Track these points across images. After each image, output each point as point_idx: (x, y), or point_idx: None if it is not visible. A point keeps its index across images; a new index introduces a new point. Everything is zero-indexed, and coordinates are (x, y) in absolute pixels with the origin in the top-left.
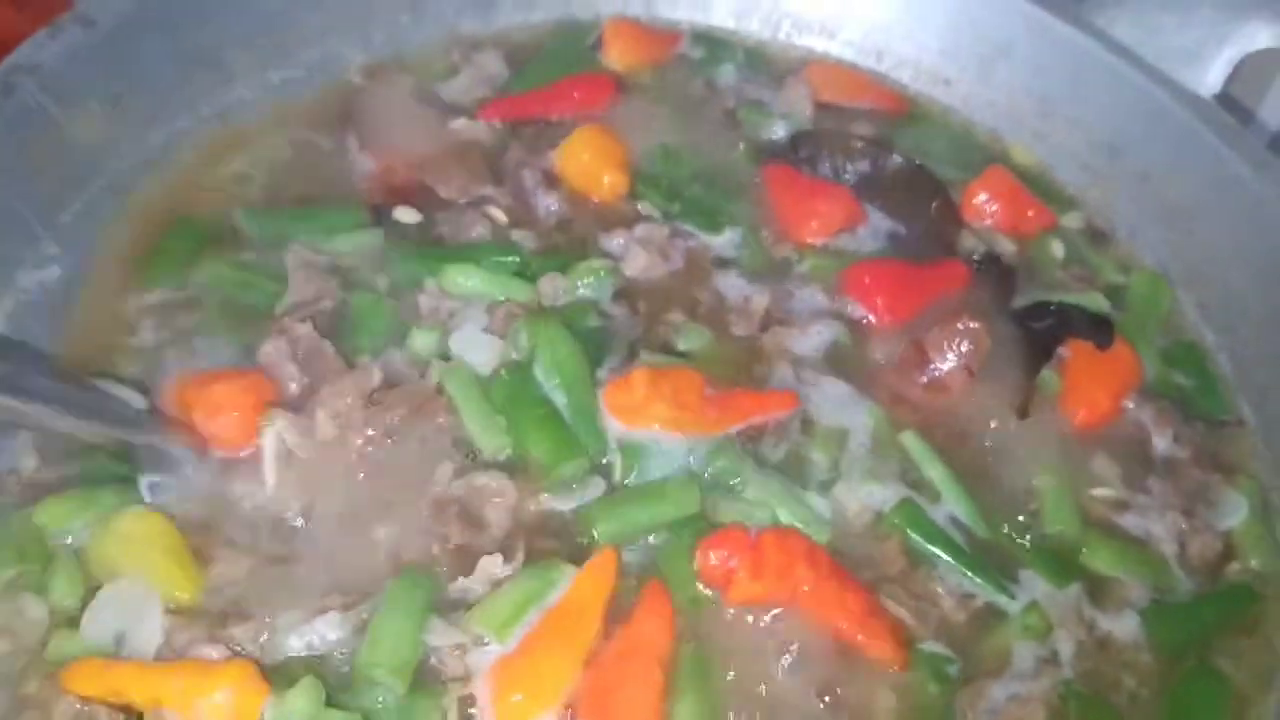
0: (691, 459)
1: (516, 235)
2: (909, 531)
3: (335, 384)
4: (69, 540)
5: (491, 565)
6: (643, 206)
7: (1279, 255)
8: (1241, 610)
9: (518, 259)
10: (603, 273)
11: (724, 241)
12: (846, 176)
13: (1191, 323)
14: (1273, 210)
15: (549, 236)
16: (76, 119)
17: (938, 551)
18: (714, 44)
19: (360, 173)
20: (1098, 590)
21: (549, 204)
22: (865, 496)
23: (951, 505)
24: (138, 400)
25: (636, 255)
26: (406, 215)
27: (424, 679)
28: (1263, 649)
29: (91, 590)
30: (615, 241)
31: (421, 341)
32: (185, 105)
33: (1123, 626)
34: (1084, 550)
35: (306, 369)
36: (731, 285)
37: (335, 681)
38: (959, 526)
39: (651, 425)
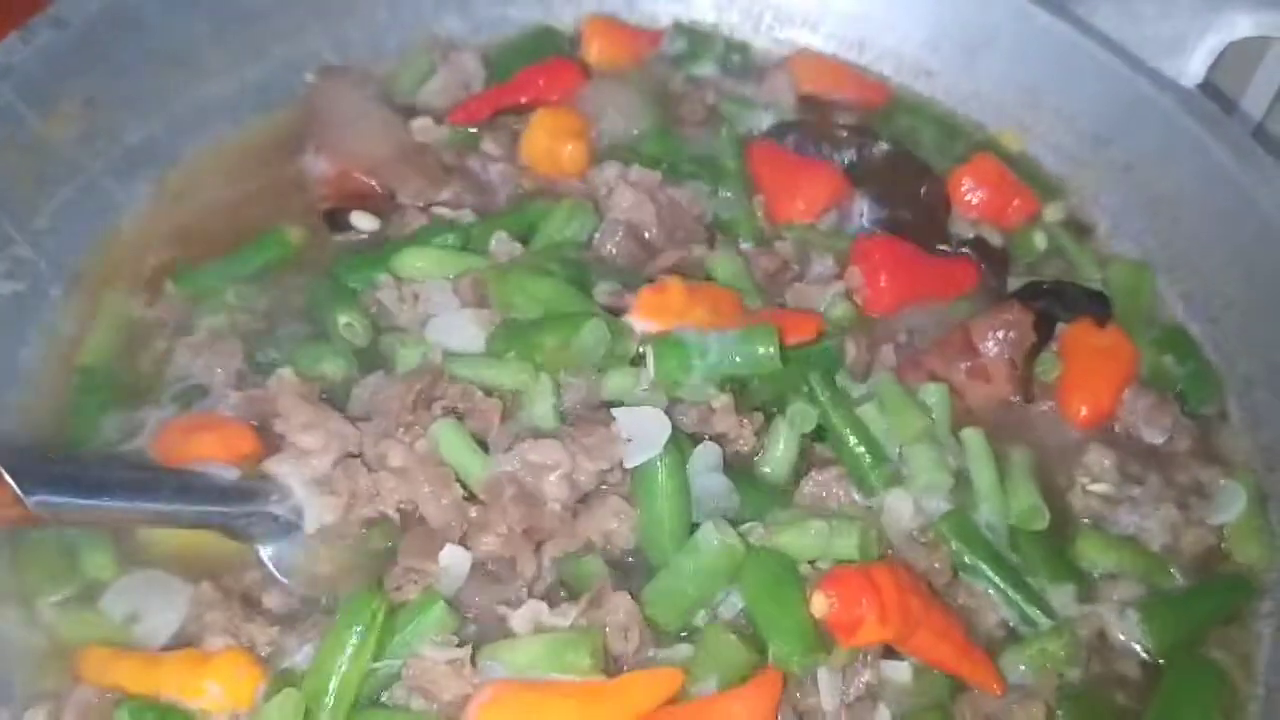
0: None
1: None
2: (956, 543)
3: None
4: None
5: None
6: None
7: (1263, 244)
8: (1235, 602)
9: (458, 233)
10: (581, 213)
11: (718, 205)
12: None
13: (1176, 313)
14: (1256, 199)
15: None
16: (50, 121)
17: (982, 565)
18: (695, 38)
19: (315, 176)
20: (1092, 586)
21: (507, 182)
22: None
23: (992, 515)
24: (229, 473)
25: (623, 193)
26: (364, 221)
27: None
28: (1251, 640)
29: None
30: (605, 173)
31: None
32: (159, 105)
33: (1117, 621)
34: (1075, 546)
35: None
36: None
37: None
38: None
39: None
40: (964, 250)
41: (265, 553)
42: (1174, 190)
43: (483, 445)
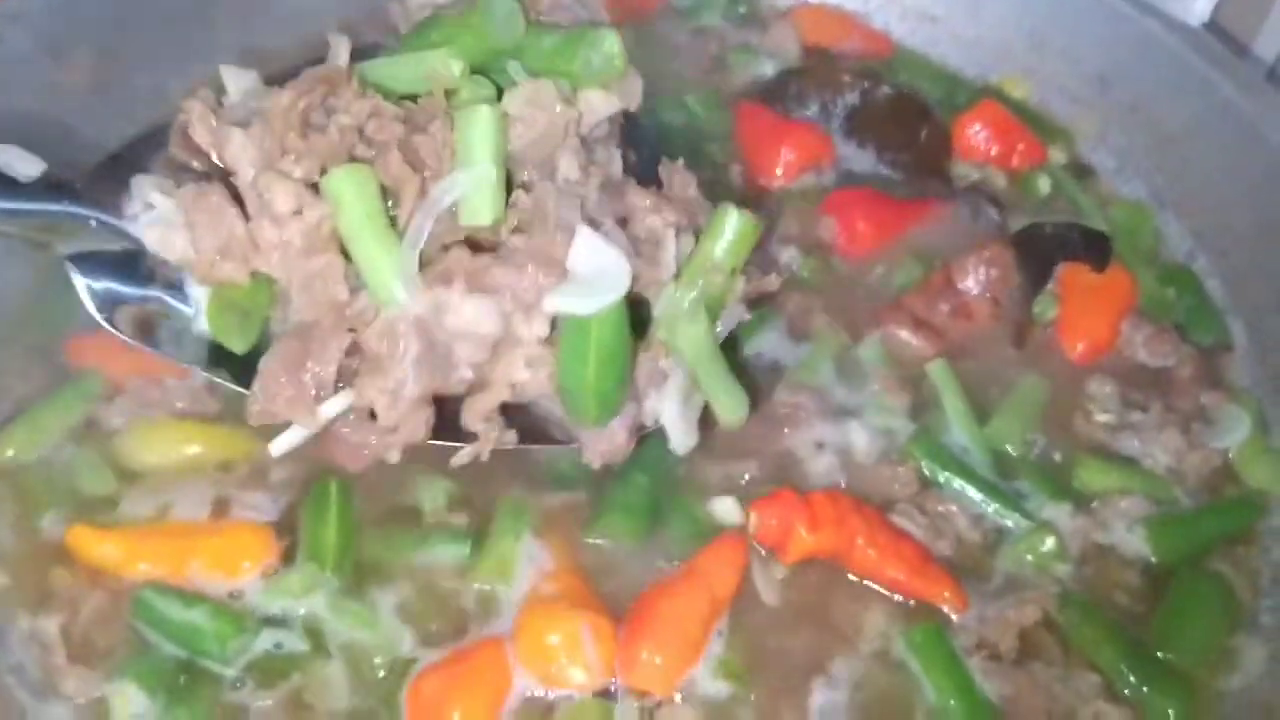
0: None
1: None
2: (927, 461)
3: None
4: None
5: None
6: None
7: (1270, 175)
8: (1242, 522)
9: None
10: None
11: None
12: (836, 112)
13: (1184, 250)
14: (1265, 133)
15: None
16: (65, 68)
17: (954, 478)
18: None
19: None
20: (1097, 506)
21: None
22: (878, 431)
23: (962, 436)
24: (29, 166)
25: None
26: None
27: None
28: (1259, 557)
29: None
30: None
31: None
32: (171, 55)
33: (1124, 538)
34: (1079, 470)
35: None
36: None
37: None
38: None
39: None
40: (964, 193)
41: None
42: (1181, 129)
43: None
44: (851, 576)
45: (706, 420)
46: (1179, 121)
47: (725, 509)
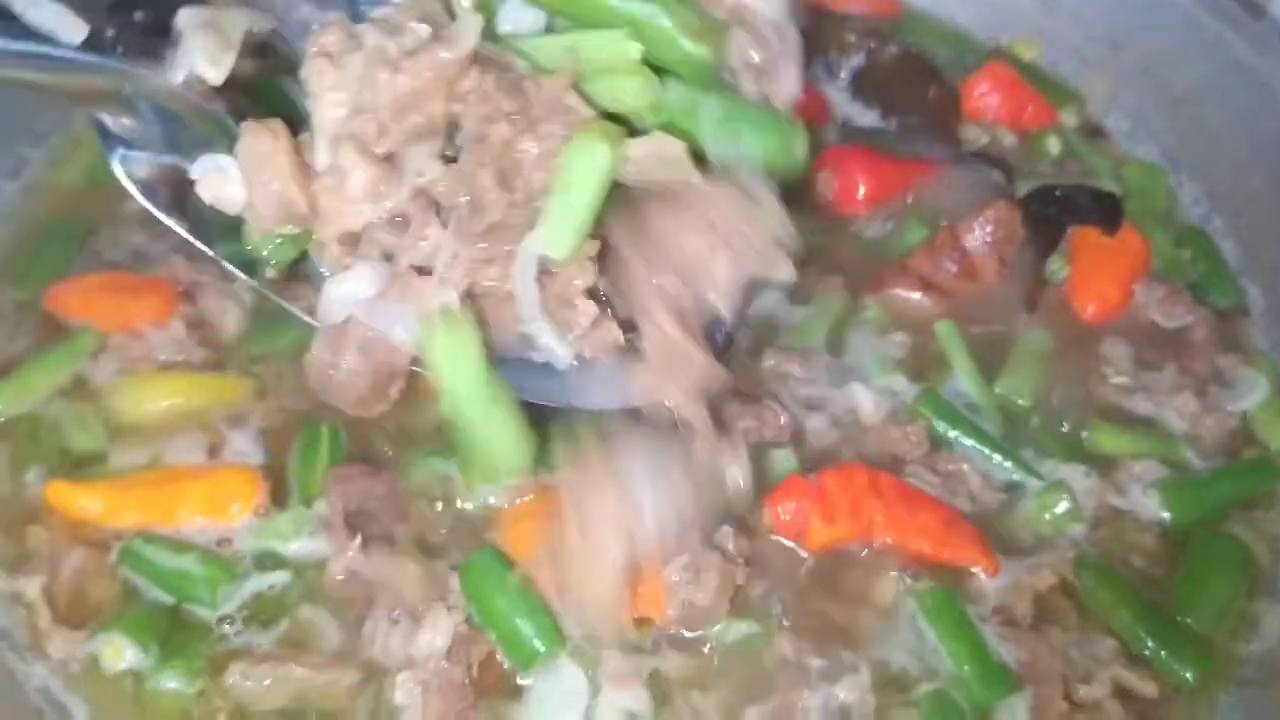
0: None
1: None
2: (936, 418)
3: None
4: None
5: None
6: None
7: None
8: (1260, 485)
9: None
10: None
11: None
12: (841, 73)
13: (1198, 212)
14: (1277, 92)
15: None
16: None
17: (965, 436)
18: None
19: None
20: (1112, 469)
21: None
22: (882, 392)
23: (971, 394)
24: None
25: None
26: None
27: None
28: (1278, 519)
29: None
30: None
31: None
32: None
33: (1139, 502)
34: (1092, 432)
35: None
36: None
37: None
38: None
39: None
40: (967, 156)
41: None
42: (1193, 89)
43: None
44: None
45: None
46: (1191, 82)
47: None
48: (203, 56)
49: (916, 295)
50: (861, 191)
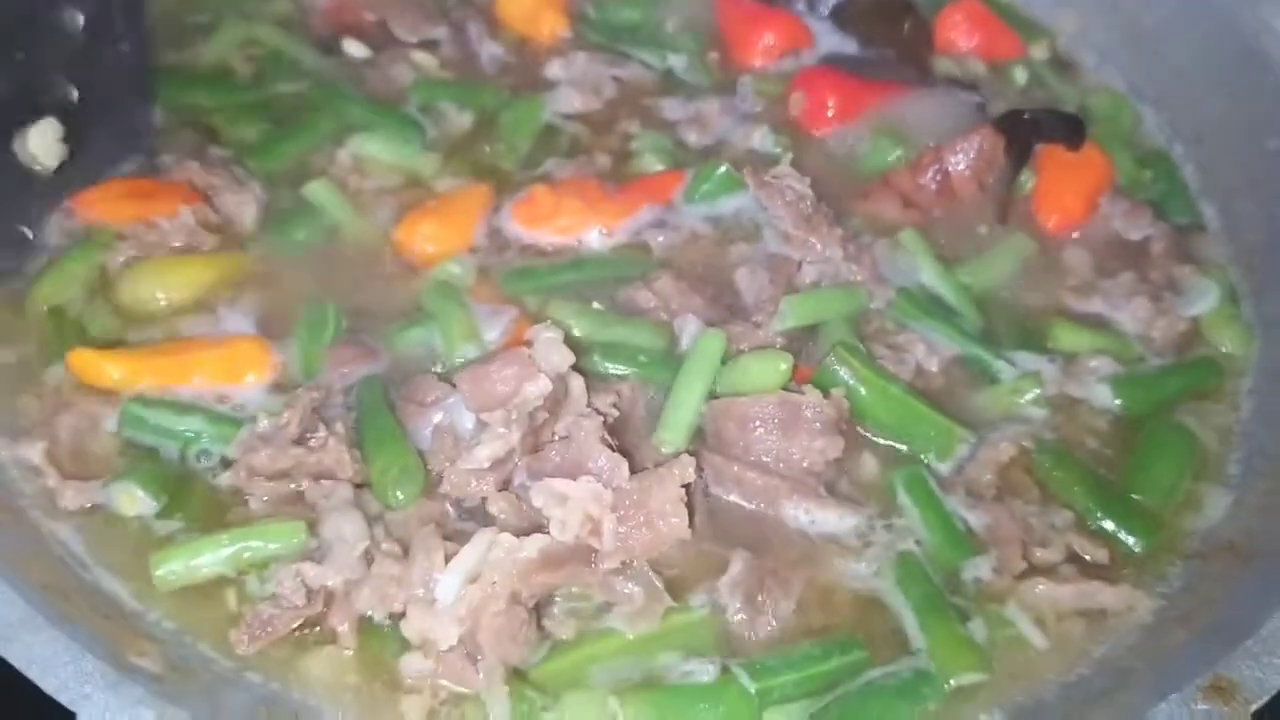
0: None
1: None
2: (912, 310)
3: None
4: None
5: None
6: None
7: (1244, 68)
8: (1204, 380)
9: (417, 130)
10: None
11: (669, 68)
12: (820, 8)
13: (1161, 138)
14: (1238, 25)
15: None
16: None
17: (937, 325)
18: None
19: (314, 5)
20: (1070, 363)
21: (493, 52)
22: None
23: (943, 292)
24: None
25: (569, 96)
26: (355, 49)
27: None
28: (1228, 411)
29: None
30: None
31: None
32: None
33: (1094, 390)
34: (1053, 329)
35: None
36: (677, 106)
37: None
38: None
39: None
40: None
41: None
42: (1158, 24)
43: None
44: None
45: None
46: (1155, 17)
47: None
48: None
49: (897, 211)
50: (831, 110)
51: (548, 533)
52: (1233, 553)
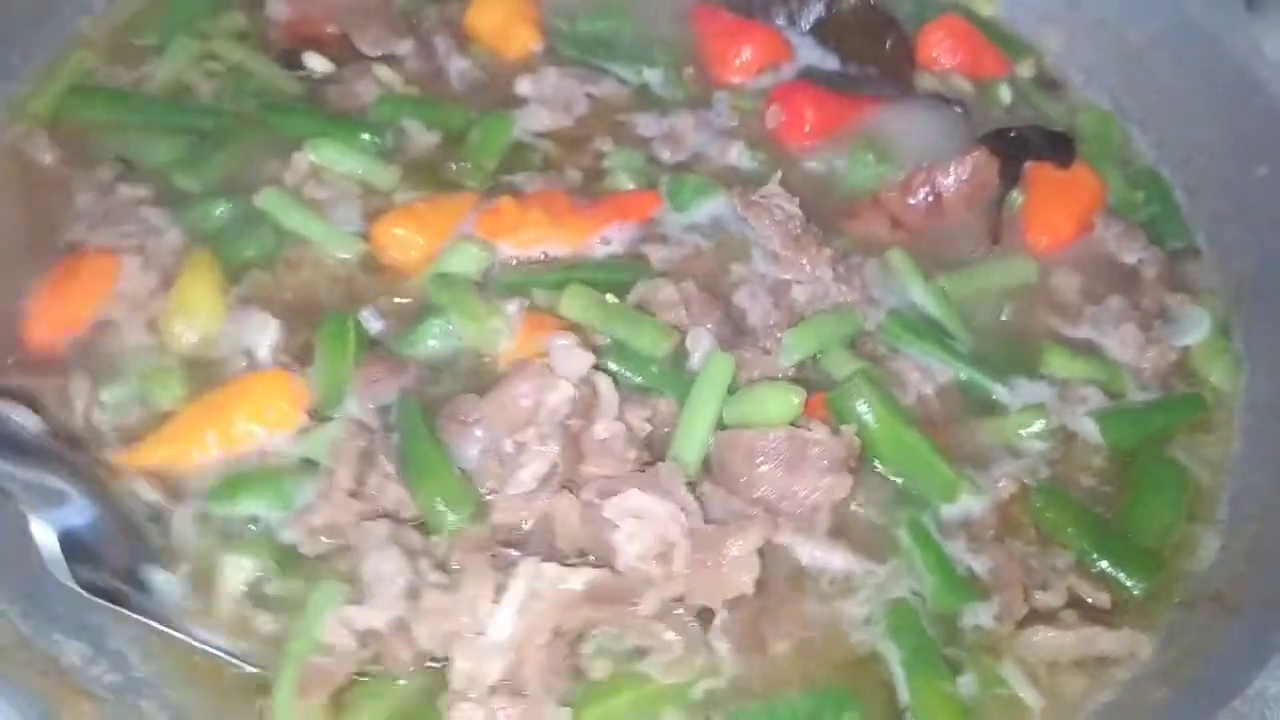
0: None
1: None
2: (902, 334)
3: None
4: None
5: None
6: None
7: (1235, 91)
8: (1188, 416)
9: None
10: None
11: (644, 83)
12: (801, 23)
13: (1148, 161)
14: (1228, 48)
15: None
16: None
17: (930, 347)
18: None
19: (274, 18)
20: (1064, 391)
21: (461, 66)
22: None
23: (933, 311)
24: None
25: (539, 114)
26: (317, 63)
27: None
28: (1219, 444)
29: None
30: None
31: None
32: None
33: (1082, 425)
34: (1045, 355)
35: None
36: (651, 122)
37: None
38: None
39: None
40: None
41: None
42: (1146, 44)
43: None
44: None
45: None
46: (1144, 37)
47: None
48: None
49: (886, 232)
50: (808, 125)
51: (592, 564)
52: (1219, 603)
